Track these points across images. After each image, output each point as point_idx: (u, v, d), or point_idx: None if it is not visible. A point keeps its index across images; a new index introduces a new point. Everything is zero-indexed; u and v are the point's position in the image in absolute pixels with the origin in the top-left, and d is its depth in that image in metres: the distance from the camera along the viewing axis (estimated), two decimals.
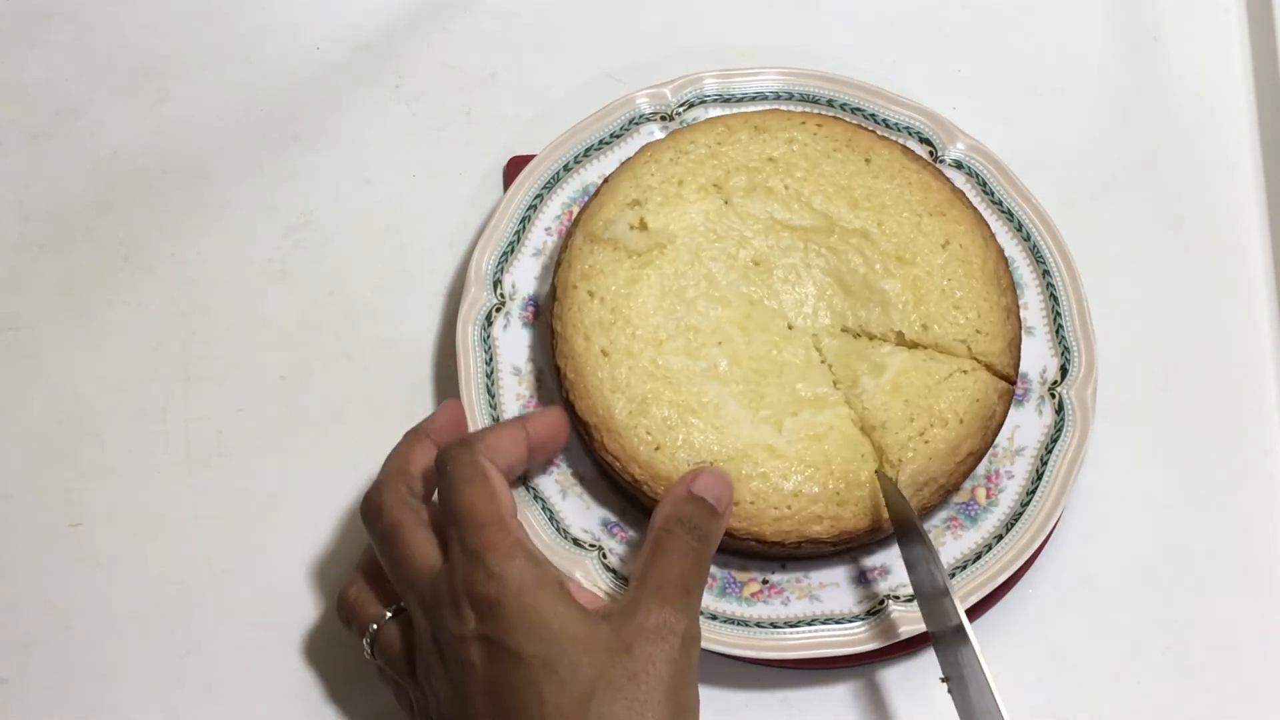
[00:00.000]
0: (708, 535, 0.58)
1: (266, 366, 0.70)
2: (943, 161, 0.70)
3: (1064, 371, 0.67)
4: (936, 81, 0.78)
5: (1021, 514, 0.65)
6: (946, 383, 0.63)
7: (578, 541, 0.63)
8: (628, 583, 0.58)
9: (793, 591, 0.64)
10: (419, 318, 0.72)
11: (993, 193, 0.70)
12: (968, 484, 0.66)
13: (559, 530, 0.64)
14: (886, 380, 0.64)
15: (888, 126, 0.71)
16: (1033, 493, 0.65)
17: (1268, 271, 0.75)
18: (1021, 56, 0.79)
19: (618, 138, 0.71)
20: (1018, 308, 0.66)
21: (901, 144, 0.69)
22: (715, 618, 0.62)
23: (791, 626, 0.63)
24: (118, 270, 0.72)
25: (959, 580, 0.63)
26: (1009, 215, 0.70)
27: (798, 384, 0.64)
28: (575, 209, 0.69)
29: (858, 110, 0.71)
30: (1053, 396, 0.67)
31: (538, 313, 0.68)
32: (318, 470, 0.68)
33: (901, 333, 0.64)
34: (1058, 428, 0.66)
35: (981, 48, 0.79)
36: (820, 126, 0.68)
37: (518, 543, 0.55)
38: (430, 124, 0.76)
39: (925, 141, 0.71)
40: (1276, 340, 0.74)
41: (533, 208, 0.69)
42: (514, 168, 0.73)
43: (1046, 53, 0.80)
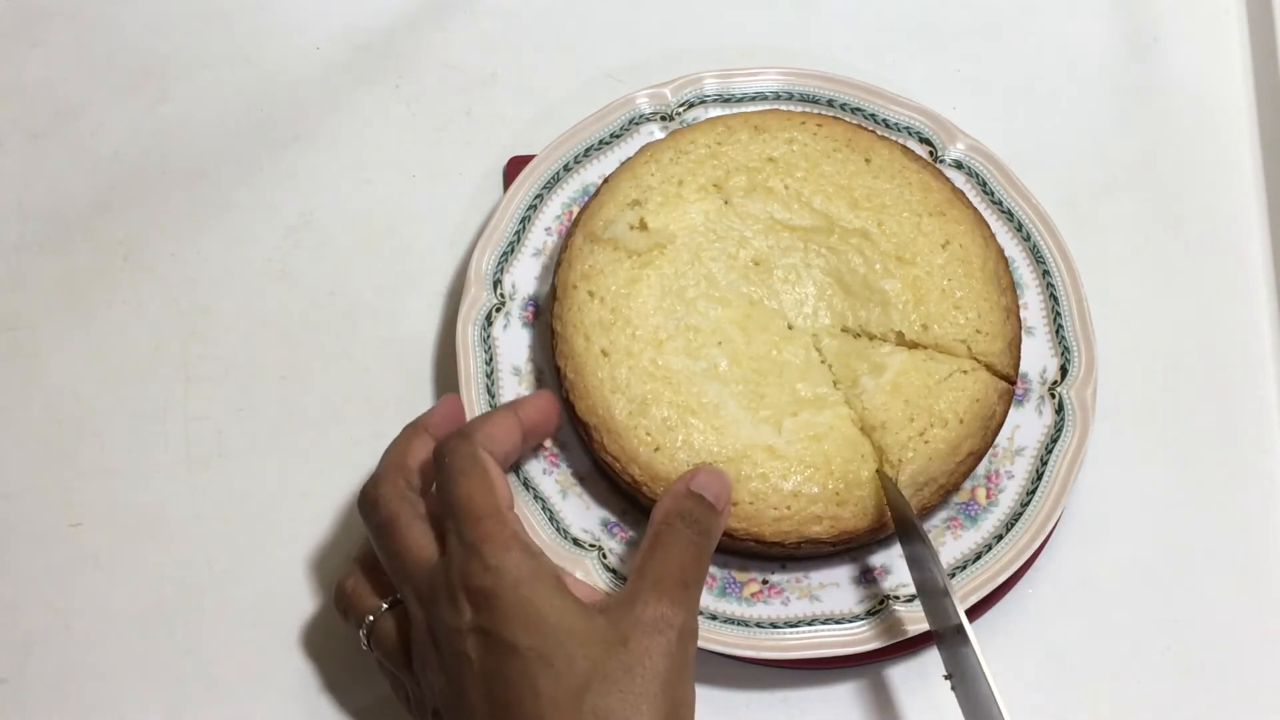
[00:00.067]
0: (707, 530, 0.58)
1: (266, 366, 0.70)
2: (943, 161, 0.70)
3: (1064, 371, 0.67)
4: (936, 81, 0.78)
5: (1021, 514, 0.65)
6: (946, 383, 0.63)
7: (578, 541, 0.63)
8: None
9: (793, 591, 0.64)
10: (419, 318, 0.72)
11: (993, 193, 0.70)
12: (968, 484, 0.66)
13: (559, 530, 0.64)
14: (886, 380, 0.64)
15: (888, 126, 0.71)
16: (1033, 493, 0.65)
17: (1268, 271, 0.75)
18: (1021, 56, 0.79)
19: (618, 138, 0.70)
20: (1018, 308, 0.66)
21: (901, 144, 0.69)
22: (715, 618, 0.62)
23: (791, 626, 0.63)
24: (118, 270, 0.72)
25: (959, 580, 0.63)
26: (1009, 215, 0.70)
27: (798, 384, 0.64)
28: (575, 209, 0.69)
29: (858, 110, 0.71)
30: (1053, 396, 0.67)
31: (538, 313, 0.68)
32: (318, 470, 0.68)
33: (901, 333, 0.64)
34: (1058, 428, 0.66)
35: (981, 48, 0.79)
36: (820, 126, 0.68)
37: (514, 535, 0.55)
38: (430, 124, 0.76)
39: (925, 141, 0.71)
40: (1276, 340, 0.74)
41: (533, 208, 0.69)
42: (514, 168, 0.73)
43: (1046, 53, 0.80)
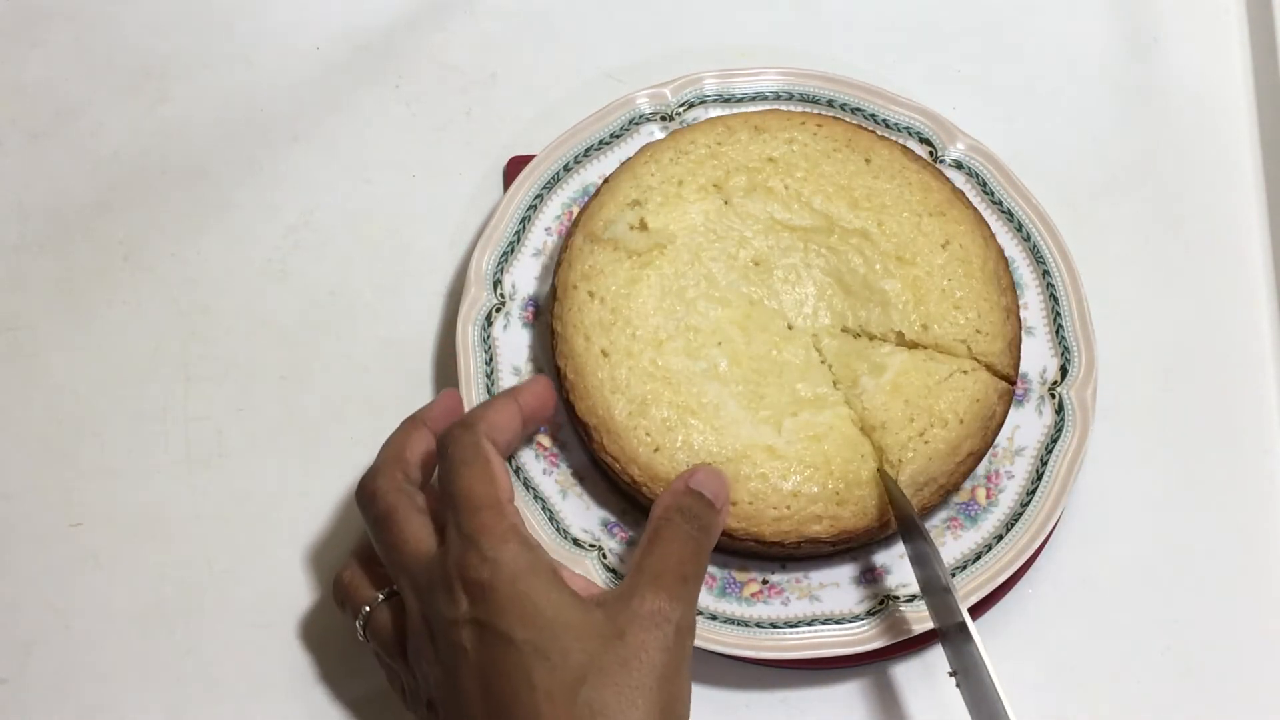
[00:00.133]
0: (707, 526, 0.58)
1: (266, 366, 0.70)
2: (943, 161, 0.70)
3: (1064, 371, 0.67)
4: (936, 81, 0.78)
5: (1021, 514, 0.65)
6: (946, 383, 0.63)
7: (578, 541, 0.63)
8: None
9: (792, 591, 0.64)
10: (419, 318, 0.72)
11: (993, 193, 0.70)
12: (968, 484, 0.65)
13: (559, 530, 0.64)
14: (886, 380, 0.64)
15: (888, 126, 0.71)
16: (1033, 493, 0.65)
17: (1268, 271, 0.75)
18: (1021, 56, 0.79)
19: (618, 138, 0.70)
20: (1018, 308, 0.66)
21: (901, 144, 0.69)
22: (715, 618, 0.62)
23: (791, 626, 0.63)
24: (118, 270, 0.72)
25: (959, 580, 0.63)
26: (1009, 215, 0.70)
27: (797, 384, 0.64)
28: (575, 209, 0.69)
29: (858, 110, 0.71)
30: (1053, 396, 0.67)
31: (538, 313, 0.68)
32: (318, 470, 0.68)
33: (901, 333, 0.64)
34: (1058, 428, 0.66)
35: (981, 48, 0.79)
36: (820, 127, 0.68)
37: (513, 528, 0.54)
38: (430, 124, 0.76)
39: (925, 141, 0.71)
40: (1276, 340, 0.74)
41: (533, 208, 0.69)
42: (514, 168, 0.73)
43: (1046, 53, 0.80)
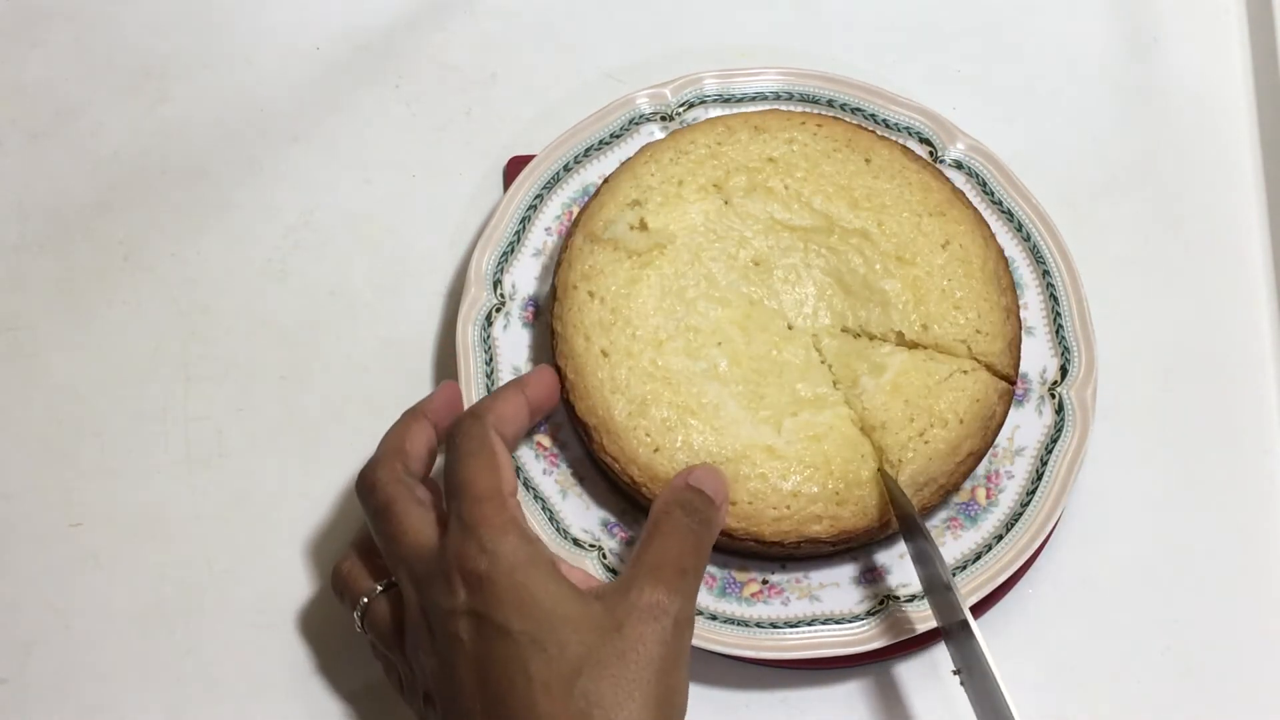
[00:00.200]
0: (707, 520, 0.58)
1: (266, 366, 0.70)
2: (943, 161, 0.70)
3: (1064, 371, 0.67)
4: (936, 81, 0.78)
5: (1021, 514, 0.65)
6: (946, 383, 0.63)
7: (578, 541, 0.63)
8: None
9: (792, 591, 0.64)
10: (419, 318, 0.72)
11: (993, 193, 0.70)
12: (968, 484, 0.65)
13: (559, 530, 0.64)
14: (886, 380, 0.64)
15: (888, 126, 0.71)
16: (1033, 493, 0.65)
17: (1268, 271, 0.75)
18: (1021, 56, 0.79)
19: (618, 138, 0.70)
20: (1018, 308, 0.66)
21: (901, 144, 0.69)
22: (715, 618, 0.62)
23: (791, 626, 0.63)
24: (118, 270, 0.72)
25: (959, 580, 0.63)
26: (1009, 215, 0.70)
27: (797, 384, 0.64)
28: (575, 209, 0.69)
29: (858, 110, 0.71)
30: (1053, 396, 0.67)
31: (538, 313, 0.68)
32: (318, 470, 0.68)
33: (901, 333, 0.64)
34: (1058, 428, 0.66)
35: (981, 48, 0.79)
36: (820, 127, 0.68)
37: (512, 520, 0.55)
38: (430, 124, 0.76)
39: (925, 141, 0.71)
40: (1276, 340, 0.74)
41: (533, 208, 0.69)
42: (514, 168, 0.73)
43: (1046, 53, 0.80)
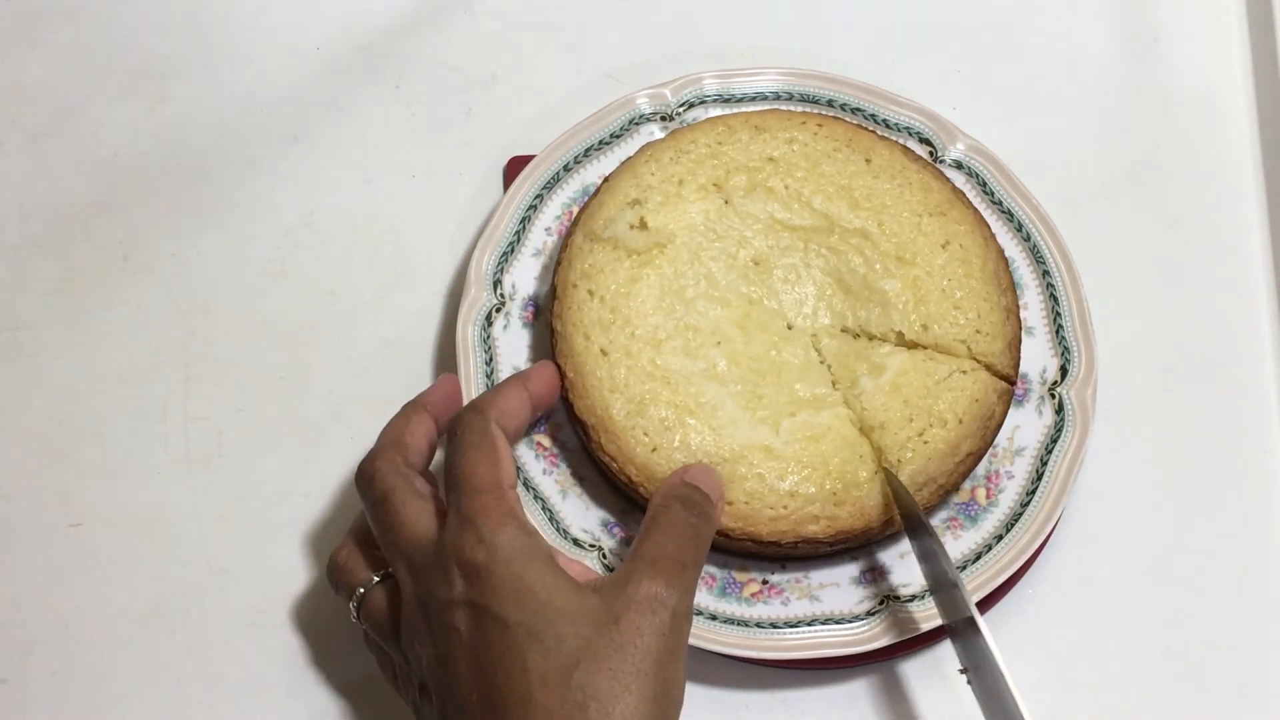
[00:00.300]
0: (705, 515, 0.58)
1: (266, 366, 0.70)
2: (943, 161, 0.70)
3: (1064, 372, 0.67)
4: (936, 81, 0.78)
5: (1021, 514, 0.65)
6: (946, 383, 0.63)
7: (578, 541, 0.63)
8: None
9: (792, 591, 0.64)
10: (419, 318, 0.72)
11: (993, 193, 0.70)
12: (968, 484, 0.65)
13: (559, 530, 0.64)
14: (886, 381, 0.64)
15: (888, 126, 0.71)
16: (1033, 493, 0.65)
17: (1268, 271, 0.75)
18: (1021, 56, 0.79)
19: (618, 138, 0.70)
20: (1018, 308, 0.66)
21: (902, 144, 0.69)
22: (715, 618, 0.62)
23: (791, 626, 0.63)
24: (118, 270, 0.72)
25: None
26: (1009, 215, 0.70)
27: (796, 384, 0.64)
28: (575, 209, 0.69)
29: (858, 110, 0.71)
30: (1053, 397, 0.67)
31: (538, 313, 0.68)
32: (318, 470, 0.68)
33: (901, 333, 0.64)
34: (1058, 428, 0.66)
35: (981, 48, 0.79)
36: (821, 126, 0.68)
37: (511, 512, 0.54)
38: (430, 124, 0.76)
39: (925, 141, 0.71)
40: (1276, 340, 0.74)
41: (533, 208, 0.69)
42: (514, 168, 0.73)
43: (1046, 53, 0.80)
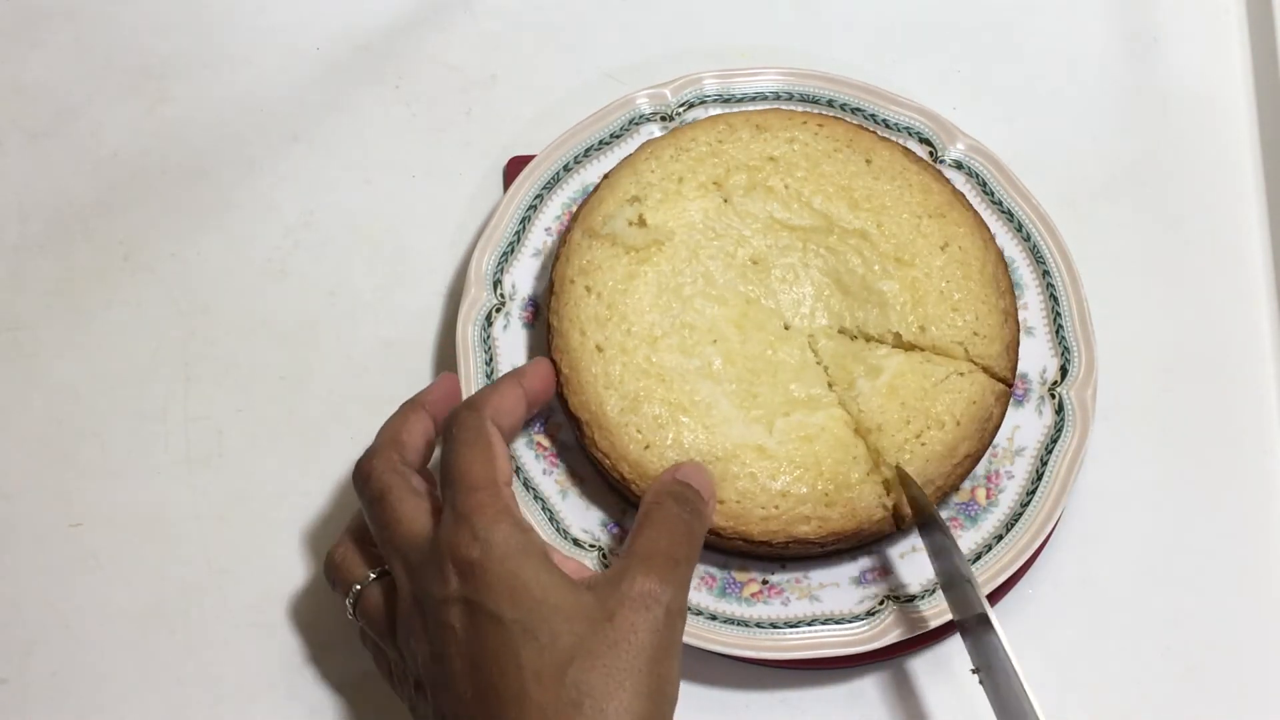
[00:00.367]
0: (698, 512, 0.58)
1: (266, 366, 0.70)
2: (943, 162, 0.70)
3: (1064, 372, 0.67)
4: (936, 81, 0.77)
5: (1021, 514, 0.65)
6: (943, 385, 0.63)
7: (578, 542, 0.63)
8: None
9: (793, 591, 0.64)
10: (419, 318, 0.72)
11: (993, 193, 0.70)
12: (967, 484, 0.65)
13: (559, 530, 0.64)
14: (883, 382, 0.63)
15: (888, 127, 0.71)
16: (1033, 493, 0.65)
17: (1268, 271, 0.75)
18: (1021, 56, 0.79)
19: (618, 138, 0.70)
20: (1016, 310, 0.66)
21: (903, 146, 0.68)
22: (715, 618, 0.62)
23: (791, 626, 0.63)
24: (118, 270, 0.72)
25: None
26: (1009, 215, 0.70)
27: (791, 384, 0.64)
28: (575, 209, 0.69)
29: (858, 110, 0.71)
30: (1053, 397, 0.67)
31: (537, 313, 0.68)
32: (318, 470, 0.68)
33: (899, 334, 0.64)
34: (1058, 428, 0.66)
35: (981, 48, 0.79)
36: (822, 127, 0.68)
37: (506, 509, 0.55)
38: (430, 124, 0.76)
39: (925, 142, 0.71)
40: (1276, 340, 0.74)
41: (533, 208, 0.69)
42: (514, 168, 0.73)
43: (1046, 53, 0.79)
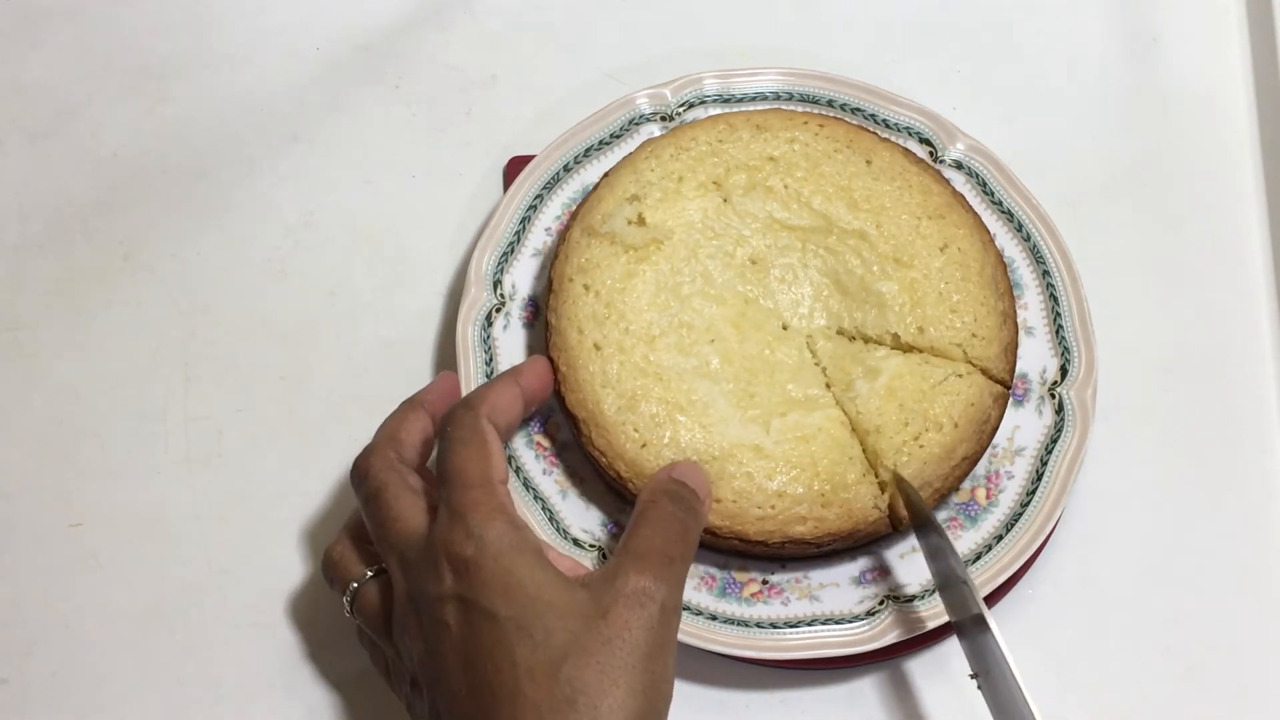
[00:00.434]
0: (693, 511, 0.58)
1: (266, 366, 0.70)
2: (943, 162, 0.70)
3: (1064, 372, 0.67)
4: (936, 81, 0.77)
5: (1021, 514, 0.65)
6: (941, 386, 0.63)
7: (578, 542, 0.64)
8: None
9: (793, 591, 0.64)
10: (419, 318, 0.72)
11: (993, 193, 0.70)
12: (967, 484, 0.65)
13: (559, 530, 0.64)
14: (881, 384, 0.63)
15: (888, 127, 0.71)
16: (1033, 493, 0.65)
17: (1268, 271, 0.75)
18: (1021, 56, 0.79)
19: (618, 138, 0.70)
20: (1015, 312, 0.66)
21: (903, 147, 0.68)
22: (715, 618, 0.62)
23: (791, 627, 0.63)
24: (118, 270, 0.72)
25: None
26: (1009, 216, 0.70)
27: (789, 385, 0.64)
28: (575, 209, 0.69)
29: (858, 110, 0.71)
30: (1053, 397, 0.67)
31: (537, 313, 0.68)
32: (318, 470, 0.68)
33: (897, 335, 0.64)
34: (1058, 428, 0.66)
35: (981, 48, 0.79)
36: (822, 127, 0.68)
37: (500, 506, 0.55)
38: (430, 124, 0.76)
39: (925, 142, 0.71)
40: (1276, 340, 0.74)
41: (533, 208, 0.69)
42: (514, 168, 0.73)
43: (1046, 53, 0.79)
